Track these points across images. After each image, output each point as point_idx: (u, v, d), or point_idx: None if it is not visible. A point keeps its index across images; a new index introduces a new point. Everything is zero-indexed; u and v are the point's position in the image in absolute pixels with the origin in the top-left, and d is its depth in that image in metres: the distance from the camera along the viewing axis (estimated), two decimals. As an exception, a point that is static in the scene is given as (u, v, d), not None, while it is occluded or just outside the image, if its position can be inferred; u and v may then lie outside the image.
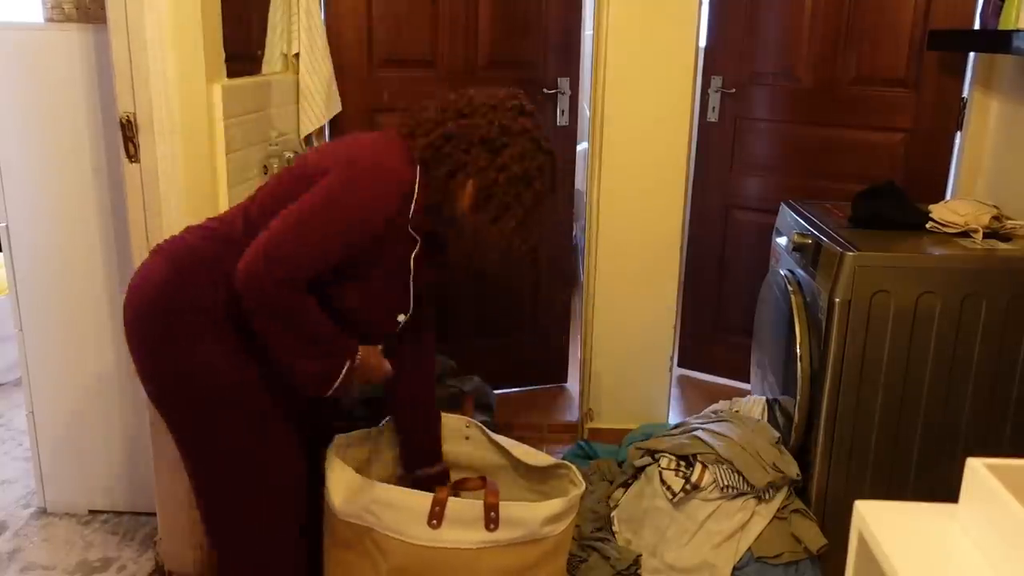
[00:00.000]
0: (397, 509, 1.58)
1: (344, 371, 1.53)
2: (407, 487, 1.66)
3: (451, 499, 1.57)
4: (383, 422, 1.87)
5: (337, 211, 1.47)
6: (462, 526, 1.58)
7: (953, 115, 2.63)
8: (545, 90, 2.90)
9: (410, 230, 1.55)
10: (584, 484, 1.70)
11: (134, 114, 1.87)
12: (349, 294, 1.54)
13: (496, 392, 2.79)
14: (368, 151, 1.56)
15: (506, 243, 1.57)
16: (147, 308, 1.56)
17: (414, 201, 1.52)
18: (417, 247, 1.58)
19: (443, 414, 1.90)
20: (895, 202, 2.19)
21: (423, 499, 1.57)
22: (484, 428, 1.87)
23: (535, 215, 1.59)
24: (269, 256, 1.42)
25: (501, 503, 1.58)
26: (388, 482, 1.74)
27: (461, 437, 1.88)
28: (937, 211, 2.14)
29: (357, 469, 1.67)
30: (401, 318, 1.65)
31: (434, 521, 1.56)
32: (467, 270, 1.72)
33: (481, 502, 1.58)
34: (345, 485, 1.63)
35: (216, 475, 1.62)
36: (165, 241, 1.63)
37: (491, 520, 1.57)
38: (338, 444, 1.73)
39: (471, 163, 1.53)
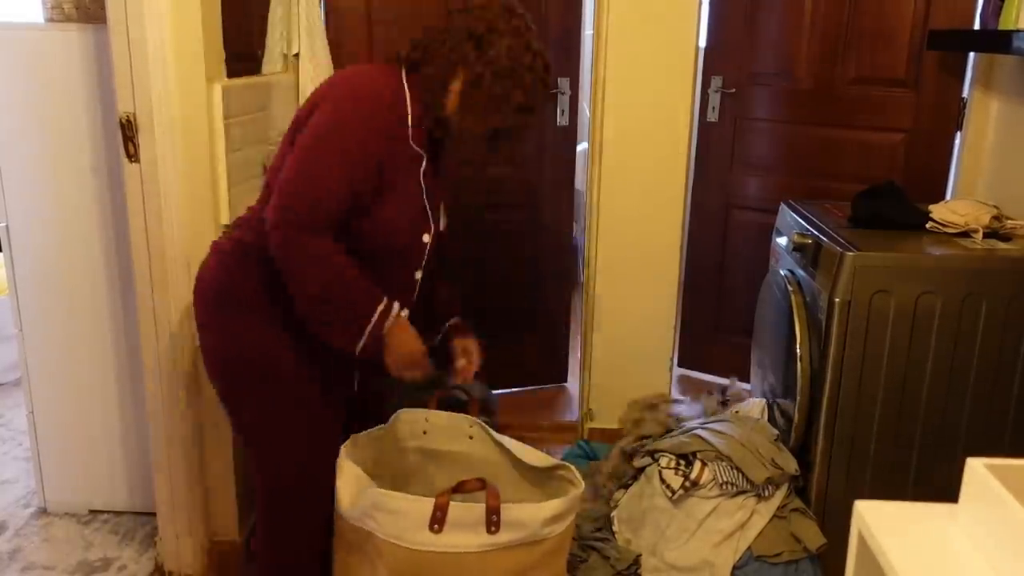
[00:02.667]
0: (398, 515, 1.57)
1: (374, 320, 1.54)
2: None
3: (452, 503, 1.57)
4: (391, 419, 1.87)
5: (334, 139, 1.49)
6: (464, 530, 1.57)
7: (953, 115, 2.63)
8: (545, 90, 2.90)
9: (412, 145, 1.57)
10: (584, 484, 1.70)
11: (134, 114, 1.87)
12: (373, 227, 1.56)
13: (496, 392, 2.79)
14: (350, 74, 1.59)
15: (491, 136, 1.60)
16: (200, 300, 1.66)
17: (409, 114, 1.54)
18: (424, 163, 1.60)
19: (448, 414, 1.91)
20: (895, 202, 2.19)
21: (424, 504, 1.57)
22: (487, 428, 1.87)
23: (523, 116, 1.59)
24: (283, 204, 1.47)
25: (502, 505, 1.58)
26: (394, 483, 1.75)
27: (465, 436, 1.88)
28: (937, 211, 2.14)
29: (364, 471, 1.68)
30: (426, 237, 1.67)
31: (436, 526, 1.56)
32: (457, 169, 1.74)
33: (482, 505, 1.57)
34: (353, 486, 1.63)
35: (266, 455, 1.69)
36: (219, 237, 1.72)
37: (492, 523, 1.57)
38: (349, 444, 1.73)
39: (457, 57, 1.54)
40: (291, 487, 1.70)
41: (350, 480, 1.64)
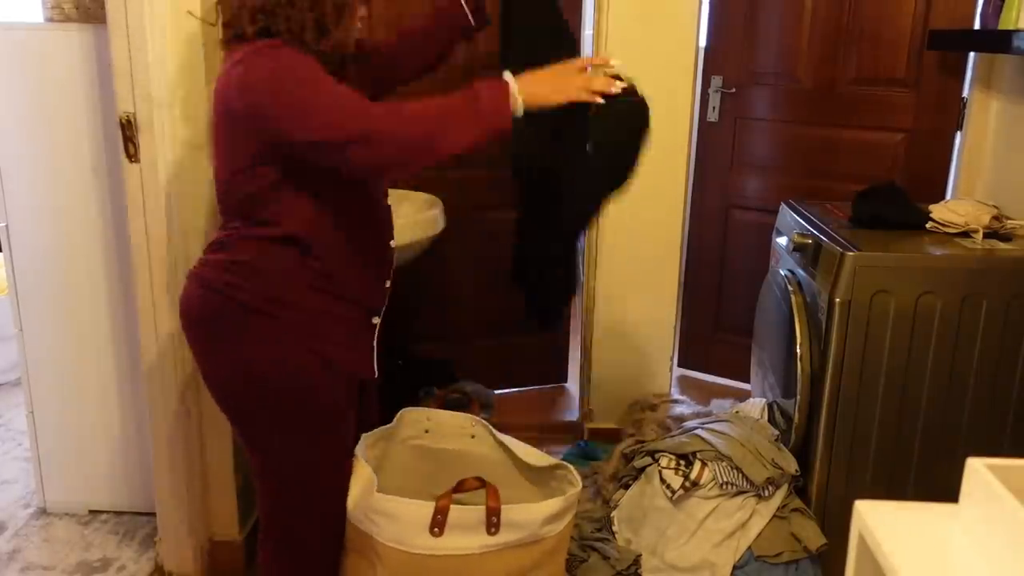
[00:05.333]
0: (398, 519, 1.57)
1: (504, 93, 1.43)
2: None
3: (452, 506, 1.57)
4: (396, 417, 1.87)
5: (307, 83, 1.41)
6: (464, 531, 1.57)
7: (953, 115, 2.63)
8: (545, 90, 2.89)
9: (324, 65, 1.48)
10: (581, 483, 1.70)
11: (134, 114, 1.87)
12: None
13: (496, 392, 2.79)
14: (249, 64, 1.46)
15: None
16: (190, 325, 1.57)
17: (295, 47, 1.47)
18: (339, 68, 1.53)
19: (452, 413, 1.91)
20: (895, 202, 2.19)
21: (424, 508, 1.56)
22: (490, 427, 1.88)
23: None
24: (341, 136, 1.38)
25: (501, 506, 1.58)
26: (396, 481, 1.75)
27: (467, 435, 1.89)
28: (937, 211, 2.14)
29: (376, 469, 1.68)
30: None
31: (436, 529, 1.56)
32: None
33: (482, 507, 1.58)
34: (359, 487, 1.63)
35: (277, 470, 1.61)
36: (192, 269, 1.61)
37: (492, 524, 1.57)
38: (362, 443, 1.72)
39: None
40: (306, 497, 1.63)
41: (358, 481, 1.64)
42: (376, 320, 1.66)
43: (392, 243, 1.68)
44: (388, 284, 1.68)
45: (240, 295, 1.50)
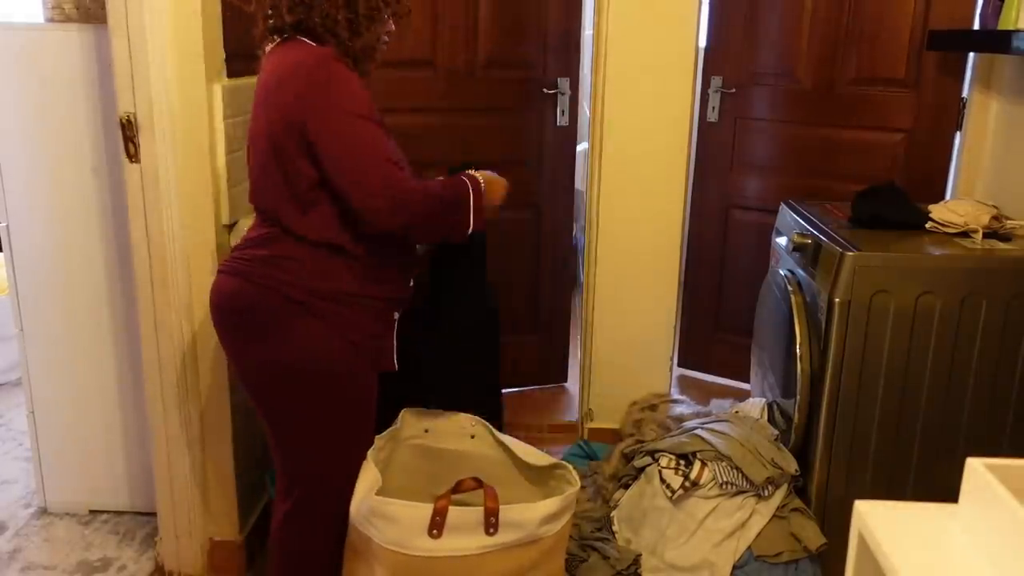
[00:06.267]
0: (397, 522, 1.57)
1: (472, 200, 1.64)
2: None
3: (451, 508, 1.57)
4: (398, 418, 1.87)
5: (359, 122, 1.50)
6: (462, 533, 1.57)
7: (953, 115, 2.63)
8: (545, 90, 2.90)
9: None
10: (579, 482, 1.71)
11: (134, 114, 1.87)
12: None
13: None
14: (299, 64, 1.53)
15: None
16: (229, 316, 1.63)
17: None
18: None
19: (451, 413, 1.92)
20: (895, 202, 2.19)
21: (422, 510, 1.56)
22: (489, 426, 1.88)
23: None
24: (376, 193, 1.50)
25: (499, 506, 1.58)
26: (398, 482, 1.75)
27: (466, 435, 1.89)
28: (937, 211, 2.14)
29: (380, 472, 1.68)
30: None
31: (435, 531, 1.56)
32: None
33: (480, 508, 1.58)
34: (363, 488, 1.63)
35: (309, 458, 1.67)
36: (227, 263, 1.65)
37: (491, 524, 1.57)
38: (374, 448, 1.73)
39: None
40: (335, 487, 1.68)
41: (364, 483, 1.64)
42: (397, 315, 1.70)
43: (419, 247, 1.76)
44: (412, 283, 1.74)
45: (284, 288, 1.55)
